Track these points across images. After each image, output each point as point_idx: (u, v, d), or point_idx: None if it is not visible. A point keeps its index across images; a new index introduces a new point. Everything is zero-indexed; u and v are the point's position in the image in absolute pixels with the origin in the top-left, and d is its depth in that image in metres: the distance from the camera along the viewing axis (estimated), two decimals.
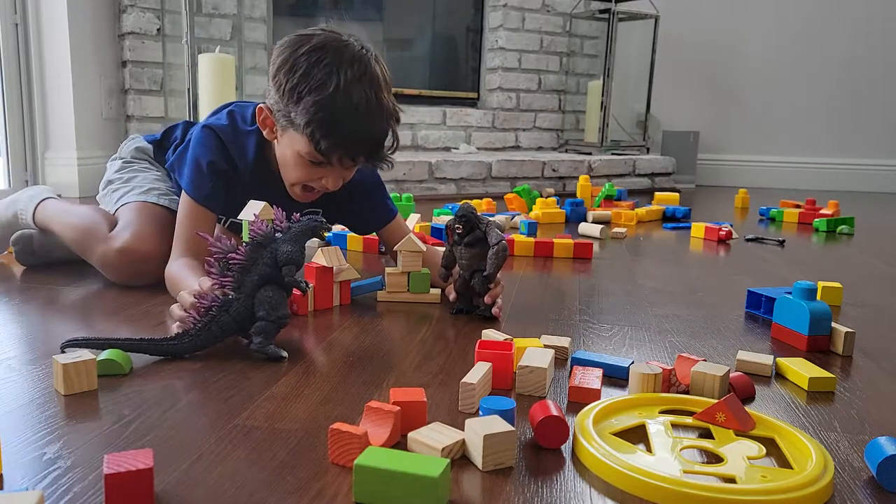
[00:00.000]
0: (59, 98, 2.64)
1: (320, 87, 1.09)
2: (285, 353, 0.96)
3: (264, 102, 1.19)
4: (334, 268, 1.22)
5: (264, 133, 1.21)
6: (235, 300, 0.95)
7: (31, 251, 1.45)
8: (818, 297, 1.27)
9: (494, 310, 1.17)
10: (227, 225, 1.34)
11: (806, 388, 0.92)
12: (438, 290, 1.29)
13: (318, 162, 1.16)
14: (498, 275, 1.18)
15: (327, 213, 1.34)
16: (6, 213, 1.48)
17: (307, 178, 1.20)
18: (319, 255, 1.23)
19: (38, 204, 1.44)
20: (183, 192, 1.24)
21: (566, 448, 0.73)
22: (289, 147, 1.17)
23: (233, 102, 1.35)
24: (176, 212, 1.34)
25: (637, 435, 0.76)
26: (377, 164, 1.20)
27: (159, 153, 1.47)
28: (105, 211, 1.41)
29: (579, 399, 0.85)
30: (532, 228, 2.06)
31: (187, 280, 1.11)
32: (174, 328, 0.99)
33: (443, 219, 2.08)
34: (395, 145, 1.19)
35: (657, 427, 0.77)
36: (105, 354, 0.87)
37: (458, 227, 1.14)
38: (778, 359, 0.99)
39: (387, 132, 1.16)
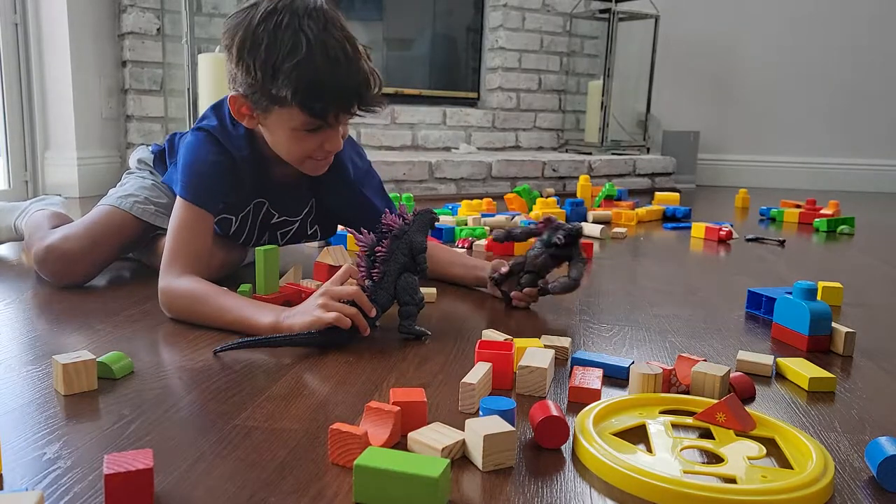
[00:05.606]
0: (59, 98, 2.65)
1: (293, 52, 1.04)
2: (429, 332, 1.08)
3: (235, 91, 1.12)
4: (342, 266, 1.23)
5: (244, 122, 1.15)
6: (381, 288, 1.05)
7: None
8: (818, 297, 1.26)
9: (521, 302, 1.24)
10: (237, 225, 1.30)
11: (806, 388, 0.92)
12: (434, 290, 1.30)
13: (314, 128, 1.12)
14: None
15: (330, 199, 1.32)
16: (6, 221, 1.56)
17: (309, 149, 1.15)
18: (326, 255, 1.23)
19: (30, 216, 1.50)
20: (178, 199, 1.18)
21: (566, 448, 0.73)
22: (279, 127, 1.12)
23: (211, 106, 1.30)
24: (144, 221, 1.36)
25: (637, 435, 0.76)
26: (371, 108, 1.14)
27: (160, 163, 1.46)
28: (61, 215, 1.46)
29: (579, 399, 0.85)
30: None
31: (246, 310, 1.06)
32: (331, 318, 0.99)
33: (444, 219, 2.07)
34: (379, 83, 1.13)
35: (657, 427, 0.77)
36: (104, 357, 0.87)
37: (559, 238, 1.19)
38: (778, 359, 0.99)
39: (369, 71, 1.11)
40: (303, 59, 1.04)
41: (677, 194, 2.84)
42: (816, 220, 2.42)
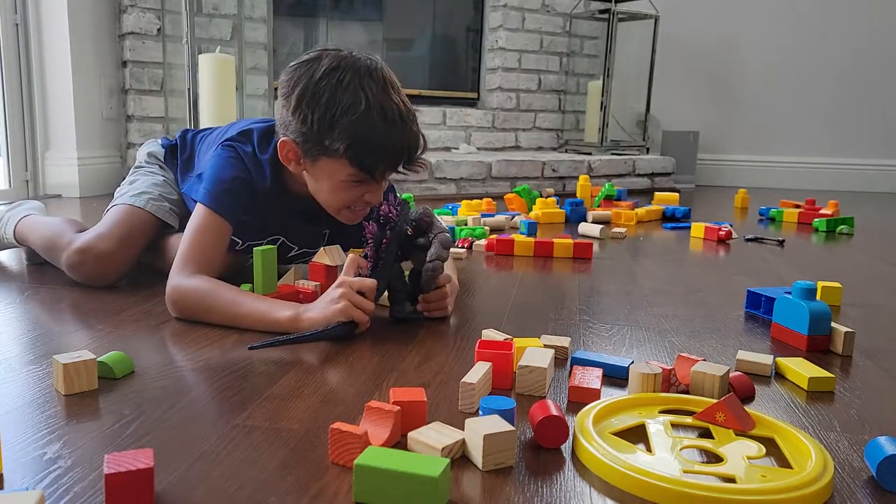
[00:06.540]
0: (60, 98, 2.65)
1: (352, 108, 1.08)
2: (422, 314, 1.15)
3: (286, 136, 1.15)
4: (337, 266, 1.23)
5: (289, 167, 1.18)
6: (381, 277, 1.09)
7: (39, 258, 1.47)
8: (818, 297, 1.27)
9: (437, 313, 1.16)
10: (242, 247, 1.30)
11: (806, 387, 0.92)
12: None
13: (359, 181, 1.15)
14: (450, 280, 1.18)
15: (344, 233, 1.32)
16: None
17: (351, 200, 1.18)
18: (322, 255, 1.23)
19: (17, 224, 1.47)
20: (198, 205, 1.19)
21: (566, 448, 0.73)
22: (324, 177, 1.15)
23: (243, 123, 1.31)
24: (160, 218, 1.37)
25: (637, 435, 0.76)
26: (415, 168, 1.19)
27: (171, 158, 1.46)
28: (77, 221, 1.44)
29: (579, 399, 0.85)
30: (532, 228, 2.06)
31: (261, 304, 1.08)
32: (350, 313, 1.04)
33: (444, 219, 2.08)
34: (425, 146, 1.18)
35: (657, 427, 0.77)
36: (104, 357, 0.87)
37: (408, 230, 1.14)
38: (778, 359, 0.99)
39: (419, 134, 1.17)
40: (360, 117, 1.08)
41: (677, 194, 2.84)
42: (816, 220, 2.42)
